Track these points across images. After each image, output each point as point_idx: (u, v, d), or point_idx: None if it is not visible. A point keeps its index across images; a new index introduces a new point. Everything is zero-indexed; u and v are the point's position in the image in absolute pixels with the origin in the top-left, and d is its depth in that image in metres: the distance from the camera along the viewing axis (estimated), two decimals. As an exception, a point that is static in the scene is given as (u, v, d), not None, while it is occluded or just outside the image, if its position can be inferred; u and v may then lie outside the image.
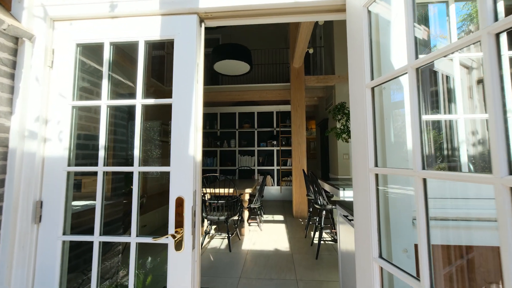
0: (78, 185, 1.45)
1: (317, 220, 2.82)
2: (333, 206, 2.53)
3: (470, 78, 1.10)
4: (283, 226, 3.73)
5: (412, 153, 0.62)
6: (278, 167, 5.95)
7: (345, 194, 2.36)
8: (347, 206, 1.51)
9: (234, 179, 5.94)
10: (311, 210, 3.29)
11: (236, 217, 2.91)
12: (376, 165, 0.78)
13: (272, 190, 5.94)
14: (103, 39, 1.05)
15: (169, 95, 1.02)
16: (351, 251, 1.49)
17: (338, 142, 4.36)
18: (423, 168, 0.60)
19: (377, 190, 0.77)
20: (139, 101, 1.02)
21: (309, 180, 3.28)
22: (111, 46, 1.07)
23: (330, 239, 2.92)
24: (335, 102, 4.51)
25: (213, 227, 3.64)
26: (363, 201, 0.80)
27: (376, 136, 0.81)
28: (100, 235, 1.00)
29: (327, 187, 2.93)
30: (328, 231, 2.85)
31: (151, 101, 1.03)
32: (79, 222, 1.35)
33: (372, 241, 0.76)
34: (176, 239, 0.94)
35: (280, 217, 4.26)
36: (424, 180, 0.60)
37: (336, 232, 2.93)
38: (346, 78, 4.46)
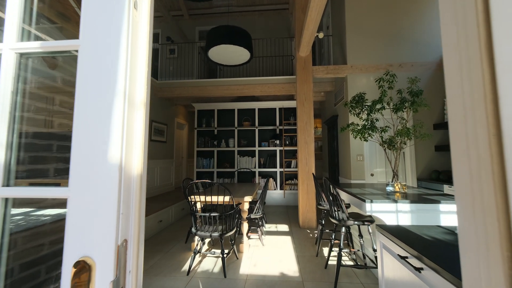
0: None
1: (332, 236, 2.28)
2: (355, 222, 1.98)
3: None
4: (288, 239, 3.19)
5: None
6: (281, 169, 5.40)
7: (373, 208, 1.81)
8: (401, 237, 0.96)
9: (233, 182, 5.40)
10: (323, 222, 2.74)
11: (233, 232, 2.37)
12: None
13: (275, 194, 5.39)
14: None
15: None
16: (399, 282, 0.95)
17: (351, 142, 3.81)
18: None
19: None
20: (10, 46, 0.48)
21: (320, 186, 2.75)
22: None
23: (351, 262, 2.37)
24: (347, 96, 3.96)
25: (207, 240, 3.10)
26: None
27: None
28: None
29: (343, 195, 2.39)
30: (346, 250, 2.30)
31: (32, 46, 0.48)
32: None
33: None
34: None
35: (284, 227, 3.72)
36: None
37: (355, 252, 2.39)
38: (360, 68, 3.92)
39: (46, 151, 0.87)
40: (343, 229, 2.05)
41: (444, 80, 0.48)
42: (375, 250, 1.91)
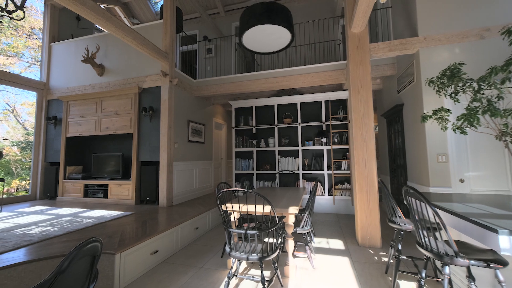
0: None
1: (423, 275, 1.55)
2: (472, 262, 1.24)
3: None
4: (346, 261, 2.51)
5: None
6: (330, 171, 4.65)
7: (515, 244, 1.06)
8: None
9: (274, 186, 4.89)
10: (399, 247, 2.00)
11: (275, 254, 1.85)
12: None
13: (322, 200, 4.68)
14: None
15: None
16: None
17: (427, 136, 2.90)
18: None
19: None
20: None
21: (390, 196, 2.01)
22: None
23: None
24: (419, 77, 3.05)
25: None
26: None
27: None
28: None
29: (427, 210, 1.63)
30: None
31: None
32: None
33: None
34: None
35: (338, 244, 3.03)
36: None
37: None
38: (439, 39, 2.98)
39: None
40: (447, 269, 1.32)
41: None
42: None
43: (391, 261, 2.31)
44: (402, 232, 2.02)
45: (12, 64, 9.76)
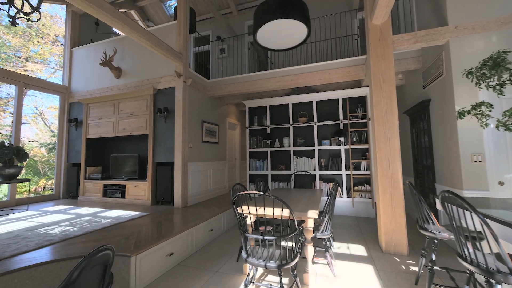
0: None
1: (465, 291, 1.37)
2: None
3: None
4: (370, 270, 2.33)
5: None
6: (348, 172, 4.44)
7: None
8: None
9: (290, 187, 4.75)
10: (433, 258, 1.80)
11: (295, 261, 1.73)
12: None
13: (340, 202, 4.47)
14: None
15: None
16: None
17: (459, 134, 2.64)
18: None
19: None
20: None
21: (422, 201, 1.81)
22: None
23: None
24: (448, 70, 2.79)
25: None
26: None
27: None
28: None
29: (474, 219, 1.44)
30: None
31: None
32: None
33: None
34: None
35: (360, 249, 2.85)
36: None
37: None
38: (472, 27, 2.72)
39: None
40: (498, 288, 1.14)
41: None
42: None
43: (422, 271, 2.11)
44: (436, 241, 1.82)
45: (39, 70, 10.36)
